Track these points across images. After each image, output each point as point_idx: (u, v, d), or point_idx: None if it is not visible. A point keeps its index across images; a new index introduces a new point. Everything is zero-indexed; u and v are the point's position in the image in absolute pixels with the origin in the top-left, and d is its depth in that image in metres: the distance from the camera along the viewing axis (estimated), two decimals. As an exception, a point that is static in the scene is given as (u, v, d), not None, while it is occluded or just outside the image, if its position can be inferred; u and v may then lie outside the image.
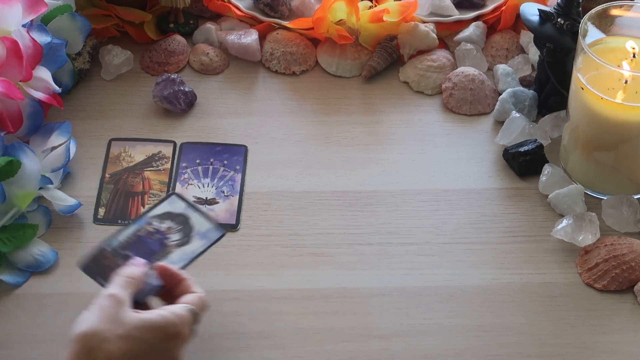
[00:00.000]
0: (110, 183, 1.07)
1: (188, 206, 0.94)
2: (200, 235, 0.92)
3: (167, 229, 0.92)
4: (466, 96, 1.15)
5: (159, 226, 0.92)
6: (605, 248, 0.99)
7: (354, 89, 1.19)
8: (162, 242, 0.91)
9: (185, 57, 1.21)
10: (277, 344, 0.92)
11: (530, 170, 1.07)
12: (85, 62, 1.18)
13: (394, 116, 1.15)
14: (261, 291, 0.97)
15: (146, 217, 0.92)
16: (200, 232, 0.92)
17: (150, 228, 0.92)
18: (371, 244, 1.01)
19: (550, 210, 1.04)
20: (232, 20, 1.25)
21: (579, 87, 1.00)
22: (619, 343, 0.93)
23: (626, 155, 1.01)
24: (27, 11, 1.05)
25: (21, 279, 0.98)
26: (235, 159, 1.09)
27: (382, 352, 0.92)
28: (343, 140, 1.12)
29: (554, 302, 0.96)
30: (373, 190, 1.07)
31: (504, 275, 0.98)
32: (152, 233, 0.91)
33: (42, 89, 1.06)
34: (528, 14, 1.10)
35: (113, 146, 1.11)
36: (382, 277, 0.98)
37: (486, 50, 1.22)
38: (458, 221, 1.03)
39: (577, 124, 1.03)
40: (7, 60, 1.02)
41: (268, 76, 1.20)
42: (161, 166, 1.09)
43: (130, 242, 0.91)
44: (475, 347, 0.92)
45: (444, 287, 0.97)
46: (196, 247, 0.91)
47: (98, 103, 1.16)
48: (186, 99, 1.15)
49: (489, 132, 1.13)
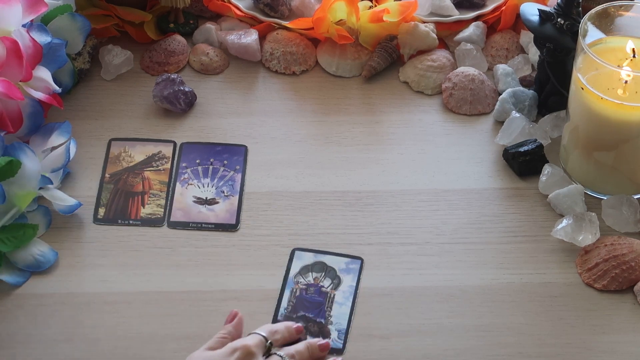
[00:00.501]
0: (110, 183, 1.07)
1: (315, 253, 0.99)
2: (345, 271, 0.97)
3: (314, 279, 0.96)
4: (466, 96, 1.15)
5: (307, 280, 0.96)
6: (605, 248, 0.99)
7: (354, 89, 1.19)
8: (320, 291, 0.95)
9: (185, 57, 1.21)
10: (277, 344, 0.92)
11: (530, 170, 1.07)
12: (85, 62, 1.18)
13: (394, 116, 1.15)
14: (261, 291, 0.97)
15: (289, 279, 0.96)
16: (342, 269, 0.97)
17: (301, 285, 0.96)
18: (371, 244, 1.01)
19: (550, 210, 1.04)
20: (232, 20, 1.25)
21: (579, 87, 1.00)
22: (619, 343, 0.93)
23: (626, 155, 1.01)
24: (27, 11, 1.05)
25: (21, 279, 0.98)
26: (235, 159, 1.09)
27: (382, 352, 0.92)
28: (343, 140, 1.12)
29: (554, 302, 0.96)
30: (373, 190, 1.07)
31: (504, 275, 0.98)
32: (306, 288, 0.96)
33: (42, 89, 1.06)
34: (528, 14, 1.10)
35: (113, 146, 1.11)
36: (382, 277, 0.98)
37: (486, 50, 1.22)
38: (458, 221, 1.03)
39: (577, 124, 1.03)
40: (7, 60, 1.02)
41: (268, 76, 1.20)
42: (161, 166, 1.09)
43: (295, 305, 0.94)
44: (475, 347, 0.92)
45: (444, 287, 0.97)
46: (349, 282, 0.96)
47: (98, 103, 1.16)
48: (186, 99, 1.15)
49: (489, 132, 1.13)
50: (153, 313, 0.95)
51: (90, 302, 0.96)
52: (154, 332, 0.93)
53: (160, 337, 0.93)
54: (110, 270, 0.99)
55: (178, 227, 1.03)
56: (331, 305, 0.95)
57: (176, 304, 0.95)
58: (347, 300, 0.95)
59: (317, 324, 0.94)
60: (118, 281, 0.98)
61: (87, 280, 0.98)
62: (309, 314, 0.94)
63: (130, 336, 0.93)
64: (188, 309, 0.95)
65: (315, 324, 0.94)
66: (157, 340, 0.92)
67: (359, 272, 0.98)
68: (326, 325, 0.94)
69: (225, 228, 1.03)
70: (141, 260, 1.00)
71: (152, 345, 0.92)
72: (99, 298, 0.96)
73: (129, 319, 0.94)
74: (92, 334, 0.93)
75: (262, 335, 0.89)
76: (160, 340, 0.92)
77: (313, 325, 0.94)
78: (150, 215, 1.04)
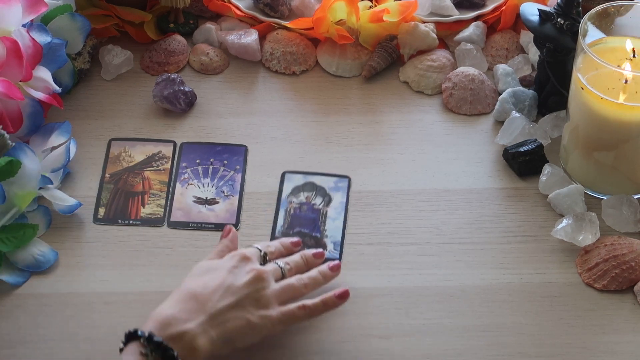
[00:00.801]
0: (110, 183, 1.07)
1: (304, 174, 1.03)
2: (334, 189, 1.02)
3: (306, 198, 1.01)
4: (466, 96, 1.15)
5: (299, 200, 1.01)
6: (605, 248, 0.99)
7: (354, 89, 1.19)
8: (313, 208, 1.00)
9: (185, 57, 1.21)
10: (277, 344, 0.92)
11: (530, 170, 1.07)
12: (85, 62, 1.18)
13: (394, 116, 1.15)
14: (261, 291, 0.97)
15: (282, 200, 1.00)
16: (331, 187, 1.02)
17: (294, 205, 1.00)
18: (371, 244, 1.01)
19: (550, 210, 1.04)
20: (232, 20, 1.25)
21: (579, 87, 1.00)
22: (619, 343, 0.93)
23: (626, 155, 1.01)
24: (27, 11, 1.05)
25: (21, 279, 0.98)
26: (235, 159, 1.09)
27: (382, 352, 0.92)
28: (343, 140, 1.12)
29: (554, 302, 0.96)
30: (373, 190, 1.07)
31: (504, 275, 0.98)
32: (299, 207, 1.00)
33: (42, 89, 1.06)
34: (528, 14, 1.10)
35: (113, 146, 1.11)
36: (382, 277, 0.98)
37: (486, 50, 1.22)
38: (458, 221, 1.03)
39: (577, 124, 1.03)
40: (7, 60, 1.02)
41: (268, 76, 1.20)
42: (161, 166, 1.09)
43: (291, 222, 0.99)
44: (475, 347, 0.92)
45: (444, 287, 0.97)
46: (340, 199, 1.03)
47: (98, 103, 1.16)
48: (186, 99, 1.15)
49: (489, 132, 1.13)
50: (153, 313, 0.95)
51: (90, 302, 0.96)
52: (154, 332, 0.93)
53: (160, 337, 0.93)
54: (110, 270, 0.99)
55: (178, 227, 1.03)
56: (324, 221, 1.02)
57: (176, 304, 0.95)
58: (340, 215, 1.02)
59: (313, 238, 1.01)
60: (118, 281, 0.98)
61: (87, 280, 0.98)
62: (304, 230, 1.01)
63: (130, 336, 0.93)
64: (188, 309, 0.95)
65: (311, 238, 1.01)
66: (157, 340, 0.92)
67: (348, 189, 1.05)
68: (322, 238, 1.01)
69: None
70: (141, 260, 1.00)
71: (152, 345, 0.92)
72: (99, 298, 0.96)
73: (129, 319, 0.94)
74: (92, 334, 0.93)
75: (256, 247, 0.94)
76: (160, 340, 0.92)
77: (310, 240, 1.01)
78: (150, 215, 1.04)
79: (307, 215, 1.02)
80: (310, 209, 1.02)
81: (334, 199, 1.04)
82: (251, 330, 0.87)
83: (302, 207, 1.03)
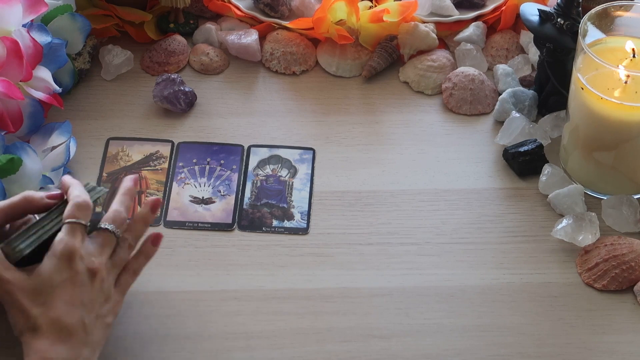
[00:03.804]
0: (107, 182, 1.07)
1: (269, 148, 1.04)
2: (299, 161, 1.04)
3: (272, 170, 1.04)
4: (466, 96, 1.15)
5: (265, 172, 1.02)
6: (605, 248, 0.99)
7: (354, 89, 1.19)
8: (279, 180, 1.02)
9: (185, 57, 1.21)
10: (277, 344, 0.92)
11: (530, 170, 1.07)
12: (86, 62, 1.18)
13: (394, 116, 1.15)
14: (261, 291, 0.97)
15: (249, 172, 1.03)
16: (296, 159, 1.04)
17: (261, 177, 1.02)
18: (371, 244, 1.01)
19: (550, 210, 1.04)
20: (232, 20, 1.25)
21: (578, 87, 1.00)
22: (619, 343, 0.93)
23: (626, 155, 1.01)
24: (27, 11, 1.05)
25: (21, 278, 0.98)
26: (232, 159, 1.09)
27: (382, 352, 0.92)
28: (343, 140, 1.12)
29: (554, 302, 0.96)
30: (373, 190, 1.07)
31: (504, 275, 0.98)
32: (266, 179, 1.03)
33: (42, 89, 1.06)
34: (528, 14, 1.10)
35: (111, 145, 1.11)
36: (382, 277, 0.98)
37: (486, 50, 1.22)
38: (458, 221, 1.03)
39: (577, 124, 1.03)
40: (7, 60, 1.02)
41: (268, 76, 1.20)
42: (159, 166, 1.09)
43: (258, 194, 1.02)
44: (475, 347, 0.92)
45: (444, 287, 0.97)
46: (305, 170, 1.05)
47: (98, 103, 1.16)
48: (186, 99, 1.15)
49: (489, 132, 1.13)
50: (153, 313, 0.95)
51: (90, 302, 0.96)
52: (154, 332, 0.93)
53: (161, 337, 0.93)
54: (110, 270, 0.99)
55: (174, 227, 1.03)
56: (291, 192, 1.05)
57: (176, 304, 0.95)
58: (305, 186, 1.05)
59: (280, 209, 1.03)
60: (118, 281, 0.98)
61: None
62: (271, 201, 1.04)
63: (130, 336, 0.93)
64: (188, 309, 0.95)
65: (278, 208, 1.03)
66: (157, 340, 0.92)
67: (312, 161, 1.08)
68: (289, 209, 1.03)
69: (221, 227, 1.03)
70: (141, 260, 1.00)
71: (152, 345, 0.92)
72: (98, 298, 0.96)
73: (129, 319, 0.94)
74: (92, 334, 0.93)
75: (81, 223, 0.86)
76: (160, 340, 0.92)
77: (277, 210, 1.03)
78: (150, 215, 1.04)
79: (274, 187, 1.05)
80: (277, 181, 1.05)
81: (300, 171, 1.07)
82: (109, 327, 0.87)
83: (269, 179, 1.06)
